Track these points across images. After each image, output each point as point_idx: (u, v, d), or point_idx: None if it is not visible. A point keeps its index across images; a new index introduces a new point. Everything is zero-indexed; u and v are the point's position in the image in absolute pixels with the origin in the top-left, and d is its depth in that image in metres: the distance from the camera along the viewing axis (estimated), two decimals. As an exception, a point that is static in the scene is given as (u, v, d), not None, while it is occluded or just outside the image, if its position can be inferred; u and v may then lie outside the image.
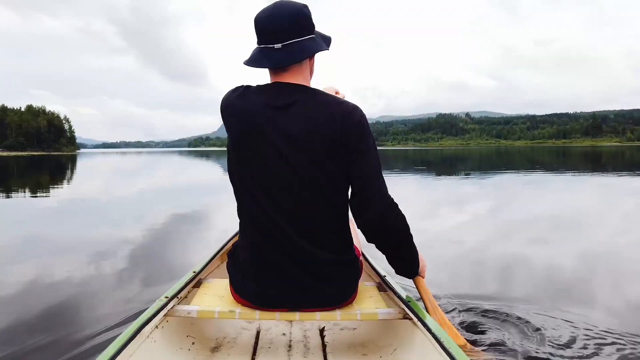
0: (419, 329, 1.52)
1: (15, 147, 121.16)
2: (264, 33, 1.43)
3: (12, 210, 7.80)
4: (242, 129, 1.43)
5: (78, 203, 8.76)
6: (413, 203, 8.11)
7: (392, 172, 17.53)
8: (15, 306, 2.85)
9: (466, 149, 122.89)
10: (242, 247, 1.52)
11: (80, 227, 6.11)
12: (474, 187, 11.08)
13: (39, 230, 5.76)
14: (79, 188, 12.39)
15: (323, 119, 1.40)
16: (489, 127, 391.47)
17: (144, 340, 1.44)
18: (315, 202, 1.43)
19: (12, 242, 5.03)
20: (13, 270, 3.76)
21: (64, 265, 3.94)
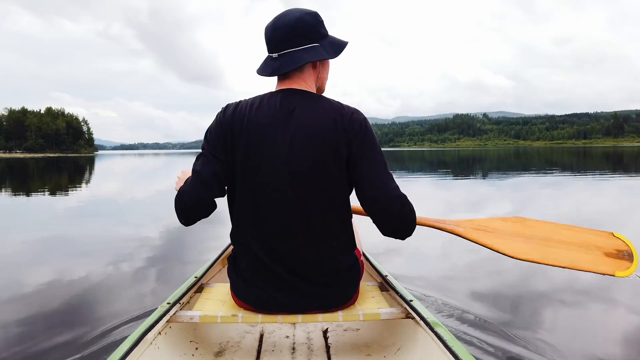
0: (422, 327, 1.54)
1: (35, 149, 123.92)
2: (267, 42, 1.50)
3: (31, 211, 7.88)
4: (248, 139, 1.44)
5: (95, 204, 8.82)
6: (428, 205, 7.97)
7: (407, 173, 17.38)
8: (26, 306, 2.84)
9: (484, 149, 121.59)
10: (242, 251, 1.51)
11: (97, 227, 6.15)
12: (491, 189, 10.86)
13: (57, 231, 5.81)
14: (96, 189, 12.51)
15: (323, 124, 1.42)
16: (507, 128, 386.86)
17: (147, 347, 1.45)
18: (318, 205, 1.44)
19: (31, 242, 5.07)
20: (29, 270, 3.76)
21: (80, 265, 3.97)
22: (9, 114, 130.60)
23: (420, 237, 4.98)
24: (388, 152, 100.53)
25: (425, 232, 4.78)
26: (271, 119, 1.43)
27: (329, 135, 1.41)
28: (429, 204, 8.12)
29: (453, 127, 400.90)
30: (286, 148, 1.41)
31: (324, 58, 1.49)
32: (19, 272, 3.82)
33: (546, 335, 2.39)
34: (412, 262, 3.95)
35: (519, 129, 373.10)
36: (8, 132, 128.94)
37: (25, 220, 6.84)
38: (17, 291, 3.28)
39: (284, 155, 1.41)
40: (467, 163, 28.54)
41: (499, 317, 2.62)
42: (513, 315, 2.68)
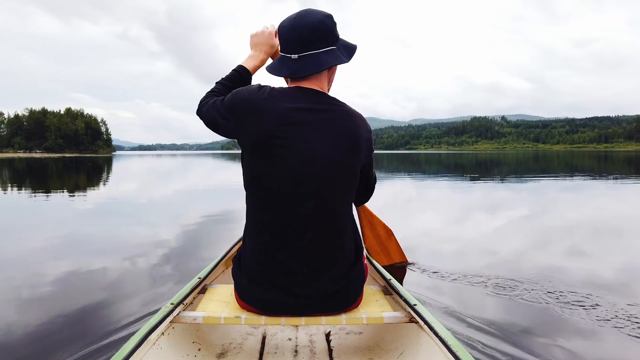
0: (426, 332, 1.53)
1: (54, 149, 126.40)
2: (285, 42, 1.48)
3: (50, 210, 7.96)
4: (268, 130, 1.41)
5: (112, 204, 8.86)
6: (444, 208, 7.84)
7: (424, 175, 17.21)
8: (36, 304, 2.84)
9: (502, 152, 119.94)
10: (248, 253, 1.51)
11: (114, 226, 6.17)
12: (509, 193, 10.65)
13: (75, 229, 5.84)
14: (114, 189, 12.62)
15: (355, 132, 1.46)
16: (526, 131, 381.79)
17: (150, 348, 1.45)
18: (332, 208, 1.45)
19: (49, 240, 5.09)
20: (45, 267, 3.77)
21: (95, 263, 3.99)
22: (29, 114, 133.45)
23: (453, 247, 4.91)
24: (404, 154, 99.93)
25: (459, 242, 4.79)
26: (294, 116, 1.41)
27: (352, 139, 1.44)
28: (444, 207, 7.99)
29: (470, 130, 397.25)
30: (308, 146, 1.40)
31: (343, 62, 1.50)
32: (34, 269, 3.83)
33: (556, 341, 2.32)
34: (420, 264, 3.85)
35: (538, 132, 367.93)
36: (28, 132, 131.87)
37: (44, 219, 6.90)
38: (32, 289, 3.28)
39: (307, 156, 1.40)
40: (484, 166, 28.17)
41: (505, 322, 2.58)
42: (520, 320, 2.61)
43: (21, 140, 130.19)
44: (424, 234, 5.43)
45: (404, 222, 6.32)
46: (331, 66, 1.48)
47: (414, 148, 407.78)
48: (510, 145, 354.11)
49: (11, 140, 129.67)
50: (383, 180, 15.18)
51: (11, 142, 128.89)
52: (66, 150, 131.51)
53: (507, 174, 18.95)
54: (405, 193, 10.68)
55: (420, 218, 6.78)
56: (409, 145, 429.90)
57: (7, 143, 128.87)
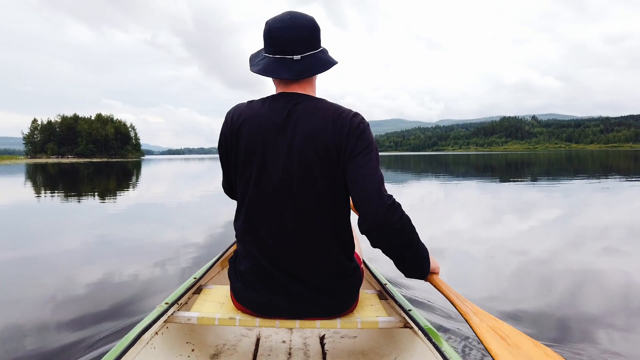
0: (420, 337, 1.53)
1: (85, 154, 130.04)
2: (281, 43, 1.43)
3: (82, 214, 8.15)
4: (248, 142, 1.43)
5: (141, 207, 9.02)
6: (474, 210, 7.64)
7: (452, 176, 16.90)
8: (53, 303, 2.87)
9: (533, 153, 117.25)
10: (243, 255, 1.50)
11: (143, 229, 6.27)
12: (540, 194, 10.32)
13: (105, 232, 5.94)
14: (143, 193, 12.84)
15: (325, 128, 1.40)
16: (558, 131, 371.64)
17: (143, 347, 1.45)
18: (318, 211, 1.42)
19: (82, 244, 5.18)
20: (76, 270, 3.82)
21: (124, 265, 4.06)
22: (61, 120, 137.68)
23: (482, 248, 4.76)
24: (431, 156, 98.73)
25: (488, 244, 4.65)
26: (272, 122, 1.42)
27: (331, 139, 1.39)
28: (473, 209, 7.79)
29: (500, 130, 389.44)
30: (285, 151, 1.39)
31: (336, 63, 1.51)
32: (66, 270, 3.90)
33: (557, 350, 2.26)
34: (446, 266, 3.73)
35: (570, 132, 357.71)
36: (61, 138, 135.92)
37: (76, 222, 7.05)
38: (63, 289, 3.32)
39: (286, 160, 1.40)
40: (515, 167, 27.51)
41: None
42: (535, 328, 2.56)
43: (54, 145, 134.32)
44: (452, 236, 5.29)
45: (431, 224, 6.19)
46: (332, 66, 1.48)
47: (442, 149, 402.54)
48: (542, 145, 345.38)
49: (44, 146, 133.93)
50: (409, 182, 14.98)
51: (44, 147, 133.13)
52: (97, 155, 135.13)
53: (539, 174, 18.44)
54: (432, 195, 10.49)
55: (448, 220, 6.62)
56: (436, 146, 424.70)
57: (40, 149, 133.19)
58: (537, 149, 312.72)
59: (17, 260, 4.41)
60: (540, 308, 2.85)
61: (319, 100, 1.48)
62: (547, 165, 28.37)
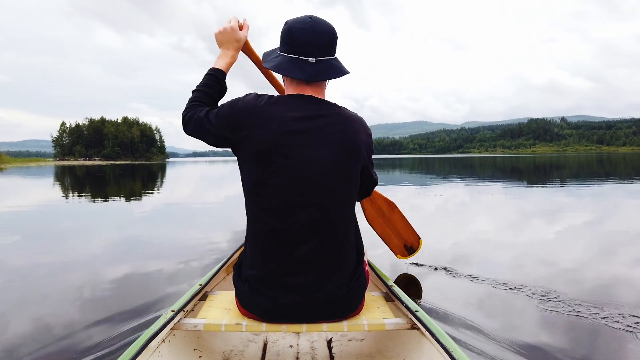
0: (427, 338, 1.52)
1: (112, 156, 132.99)
2: (301, 44, 1.45)
3: (109, 216, 8.29)
4: (270, 139, 1.41)
5: (166, 209, 9.11)
6: (499, 214, 7.44)
7: (477, 179, 16.58)
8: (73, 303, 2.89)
9: (562, 155, 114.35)
10: (249, 259, 1.51)
11: (168, 230, 6.33)
12: (570, 198, 9.99)
13: (131, 233, 6.00)
14: (168, 195, 13.00)
15: (355, 137, 1.45)
16: (588, 133, 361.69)
17: (150, 355, 1.45)
18: (334, 215, 1.44)
19: (109, 245, 5.25)
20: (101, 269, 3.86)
21: (152, 266, 4.10)
22: (89, 123, 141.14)
23: (509, 255, 4.62)
24: (456, 158, 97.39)
25: (514, 251, 4.52)
26: (295, 123, 1.42)
27: (355, 144, 1.45)
28: (499, 213, 7.58)
29: (528, 132, 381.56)
30: (305, 155, 1.40)
31: (349, 72, 1.52)
32: (94, 270, 3.94)
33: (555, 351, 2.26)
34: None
35: (602, 134, 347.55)
36: (88, 141, 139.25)
37: (102, 224, 7.17)
38: (89, 289, 3.35)
39: (311, 163, 1.40)
40: (543, 170, 26.86)
41: (506, 329, 2.54)
42: (520, 328, 2.57)
43: (81, 148, 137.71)
44: (477, 241, 5.14)
45: (456, 228, 6.05)
46: (344, 74, 1.50)
47: (467, 152, 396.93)
48: (571, 147, 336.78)
49: (72, 149, 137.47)
50: (434, 185, 14.77)
51: (72, 150, 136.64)
52: (122, 158, 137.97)
53: (568, 177, 17.92)
54: (457, 198, 10.28)
55: (473, 225, 6.45)
56: (461, 149, 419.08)
57: (69, 151, 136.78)
58: (567, 151, 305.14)
59: (46, 260, 4.49)
60: (568, 318, 2.73)
61: (343, 108, 1.52)
62: (577, 168, 27.58)
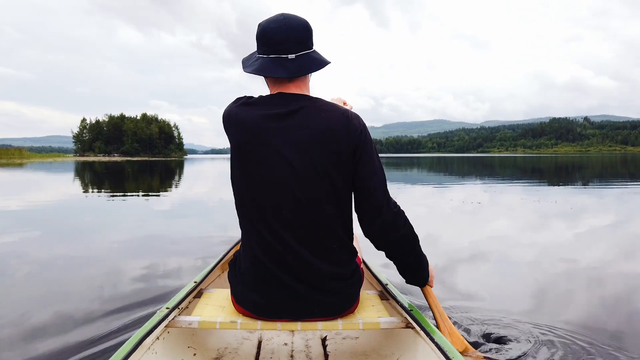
0: (422, 337, 1.53)
1: (130, 153, 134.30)
2: (276, 43, 1.45)
3: (128, 210, 8.43)
4: (245, 139, 1.43)
5: (183, 204, 9.19)
6: (519, 214, 7.29)
7: (497, 179, 16.33)
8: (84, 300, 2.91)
9: (585, 156, 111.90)
10: (244, 257, 1.51)
11: (185, 226, 6.37)
12: (593, 199, 9.76)
13: (149, 229, 6.05)
14: (186, 191, 13.12)
15: (327, 128, 1.42)
16: (613, 133, 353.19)
17: (145, 352, 1.45)
18: (319, 211, 1.42)
19: (127, 239, 5.31)
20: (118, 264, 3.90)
21: (168, 261, 4.15)
22: (108, 119, 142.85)
23: (529, 255, 4.53)
24: (476, 158, 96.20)
25: (533, 250, 4.44)
26: (275, 121, 1.42)
27: (333, 139, 1.41)
28: (518, 213, 7.44)
29: (550, 131, 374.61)
30: (291, 151, 1.40)
31: (329, 62, 1.52)
32: (113, 265, 3.99)
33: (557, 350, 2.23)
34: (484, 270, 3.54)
35: (626, 134, 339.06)
36: (107, 137, 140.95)
37: (121, 219, 7.27)
38: (110, 286, 3.38)
39: (287, 160, 1.40)
40: (565, 170, 26.33)
41: (501, 328, 2.54)
42: (516, 326, 2.57)
43: (101, 144, 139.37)
44: (495, 241, 5.04)
45: (474, 228, 5.95)
46: (325, 65, 1.49)
47: (487, 151, 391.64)
48: (595, 147, 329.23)
49: (92, 145, 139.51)
50: (452, 184, 14.59)
51: (92, 146, 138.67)
52: (141, 154, 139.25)
53: (591, 178, 17.52)
54: (475, 197, 10.13)
55: (491, 224, 6.34)
56: (481, 148, 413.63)
57: (89, 147, 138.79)
58: (590, 151, 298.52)
59: (67, 252, 4.59)
60: (587, 321, 2.67)
61: (320, 100, 1.50)
62: (600, 169, 26.96)
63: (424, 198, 10.17)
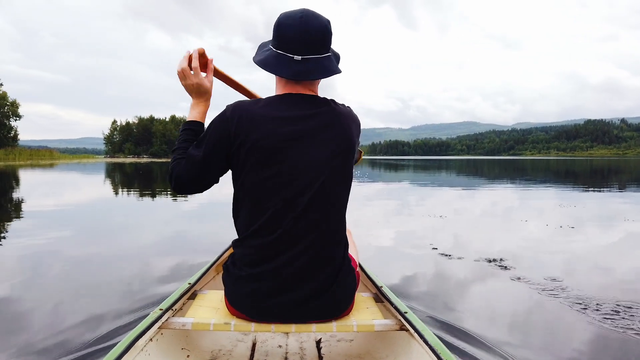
0: (416, 340, 1.53)
1: (159, 154, 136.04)
2: (288, 41, 1.40)
3: (156, 211, 8.55)
4: (267, 142, 1.38)
5: (209, 205, 9.25)
6: (551, 219, 7.02)
7: (529, 183, 15.88)
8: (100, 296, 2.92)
9: (622, 159, 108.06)
10: (238, 259, 1.48)
11: (212, 226, 6.39)
12: (630, 204, 9.33)
13: (177, 228, 6.10)
14: (214, 190, 13.21)
15: (343, 132, 1.43)
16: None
17: (137, 353, 1.44)
18: (324, 215, 1.42)
19: (156, 238, 5.37)
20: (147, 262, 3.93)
21: (195, 260, 4.18)
22: (138, 121, 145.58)
23: (560, 259, 4.35)
24: (508, 160, 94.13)
25: (565, 256, 4.28)
26: (288, 123, 1.39)
27: (347, 140, 1.43)
28: (551, 218, 7.16)
29: (584, 134, 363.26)
30: (303, 155, 1.39)
31: (338, 72, 1.47)
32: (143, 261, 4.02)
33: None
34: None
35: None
36: (137, 139, 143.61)
37: (150, 219, 7.38)
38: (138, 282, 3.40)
39: (303, 161, 1.39)
40: (601, 174, 25.42)
41: (495, 332, 2.54)
42: (510, 332, 2.59)
43: (131, 145, 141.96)
44: (526, 245, 4.85)
45: (505, 232, 5.76)
46: (331, 75, 1.44)
47: (519, 154, 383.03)
48: (633, 150, 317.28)
49: (122, 146, 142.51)
50: (482, 187, 14.25)
51: (122, 147, 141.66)
52: (169, 156, 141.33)
53: (629, 182, 16.83)
54: (507, 201, 9.85)
55: (523, 229, 6.12)
56: (513, 150, 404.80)
57: (119, 148, 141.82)
58: (628, 154, 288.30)
59: (98, 250, 4.70)
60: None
61: (334, 101, 1.49)
62: (638, 173, 25.91)
63: (460, 200, 9.94)
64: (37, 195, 11.52)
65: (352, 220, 6.93)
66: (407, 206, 9.00)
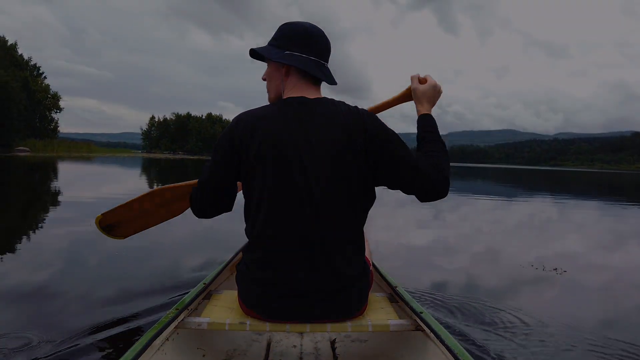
0: (432, 340, 1.53)
1: (194, 151, 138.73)
2: (320, 48, 1.51)
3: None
4: (268, 146, 1.40)
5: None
6: (592, 233, 6.66)
7: (571, 195, 15.25)
8: None
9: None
10: (252, 259, 1.48)
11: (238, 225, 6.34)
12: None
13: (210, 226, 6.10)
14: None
15: (343, 128, 1.42)
16: None
17: (154, 353, 1.46)
18: (336, 216, 1.42)
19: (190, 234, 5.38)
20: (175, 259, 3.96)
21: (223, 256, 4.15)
22: (175, 118, 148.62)
23: (601, 278, 4.10)
24: (548, 171, 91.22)
25: (607, 274, 4.03)
26: (295, 127, 1.41)
27: (349, 139, 1.41)
28: (591, 233, 6.79)
29: (632, 146, 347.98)
30: (308, 154, 1.39)
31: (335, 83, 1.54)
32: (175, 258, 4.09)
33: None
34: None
35: None
36: (173, 135, 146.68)
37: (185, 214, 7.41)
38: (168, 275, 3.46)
39: (306, 162, 1.39)
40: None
41: (513, 330, 2.52)
42: (530, 330, 2.57)
43: (167, 142, 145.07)
44: (564, 260, 4.58)
45: (541, 244, 5.49)
46: (333, 83, 1.55)
47: (561, 165, 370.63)
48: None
49: (159, 142, 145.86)
50: (520, 197, 13.78)
51: (159, 143, 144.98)
52: (205, 153, 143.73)
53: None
54: (545, 213, 9.45)
55: (561, 242, 5.83)
56: (554, 161, 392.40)
57: (155, 144, 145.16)
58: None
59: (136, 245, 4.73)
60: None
61: (333, 101, 1.51)
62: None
63: (499, 210, 9.61)
64: (68, 187, 11.87)
65: (384, 225, 6.80)
66: (440, 213, 8.76)
